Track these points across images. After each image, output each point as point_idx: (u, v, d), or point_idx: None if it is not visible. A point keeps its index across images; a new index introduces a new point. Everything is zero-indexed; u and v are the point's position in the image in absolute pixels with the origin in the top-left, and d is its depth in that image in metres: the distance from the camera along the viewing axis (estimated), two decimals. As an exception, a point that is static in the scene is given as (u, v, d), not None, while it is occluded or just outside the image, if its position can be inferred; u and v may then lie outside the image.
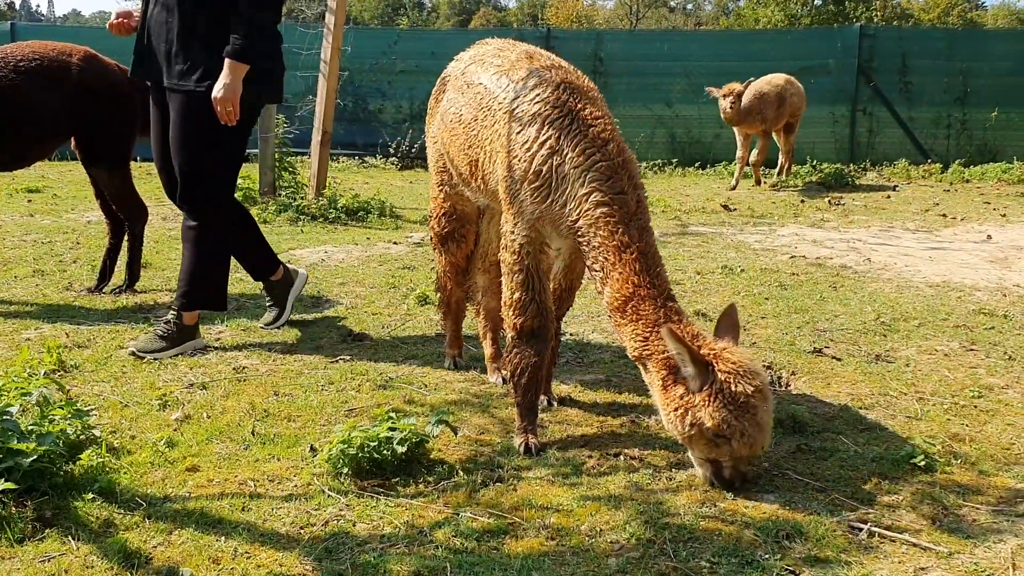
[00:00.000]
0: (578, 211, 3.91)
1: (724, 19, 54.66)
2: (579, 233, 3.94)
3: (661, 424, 4.44)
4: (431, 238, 5.22)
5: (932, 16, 43.96)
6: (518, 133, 4.07)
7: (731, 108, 13.07)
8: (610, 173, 3.89)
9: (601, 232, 3.87)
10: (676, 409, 3.65)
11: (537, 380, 4.21)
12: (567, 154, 3.94)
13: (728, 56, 17.48)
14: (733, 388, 3.54)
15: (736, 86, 13.12)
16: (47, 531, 3.27)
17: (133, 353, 5.26)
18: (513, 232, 4.16)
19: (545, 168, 3.97)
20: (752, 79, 13.60)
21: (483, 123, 4.34)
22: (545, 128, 3.99)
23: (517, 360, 4.18)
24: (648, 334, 3.78)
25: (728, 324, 3.91)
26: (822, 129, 17.18)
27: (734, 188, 14.05)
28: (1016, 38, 21.90)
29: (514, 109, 4.12)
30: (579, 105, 4.02)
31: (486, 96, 4.35)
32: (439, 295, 5.34)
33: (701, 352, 3.62)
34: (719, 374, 3.57)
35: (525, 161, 4.01)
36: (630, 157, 4.01)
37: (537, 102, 4.06)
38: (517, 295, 4.16)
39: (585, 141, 3.93)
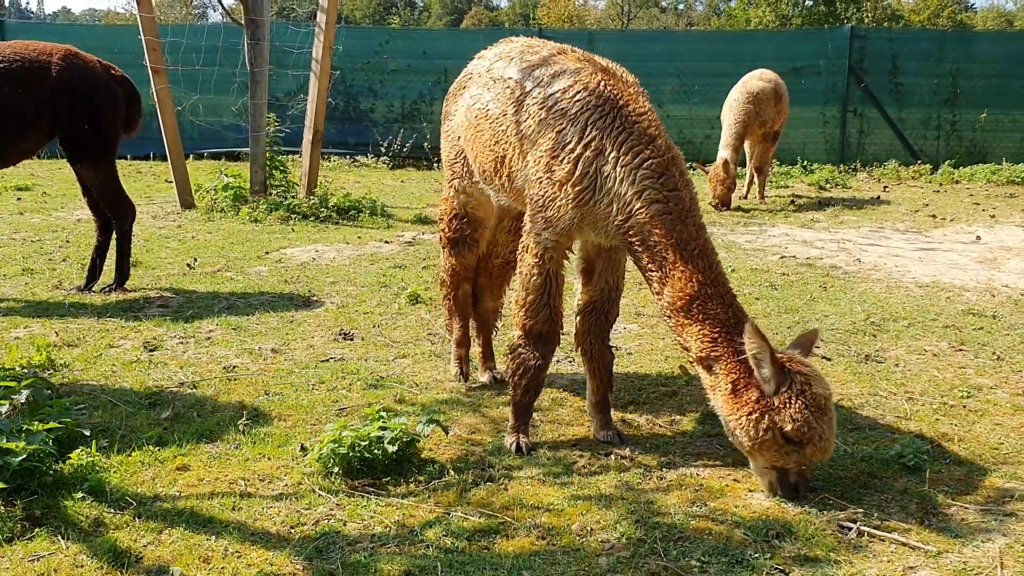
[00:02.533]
0: (628, 210, 3.75)
1: (715, 19, 54.71)
2: (630, 232, 3.78)
3: (652, 423, 4.46)
4: (440, 238, 5.06)
5: (922, 17, 44.12)
6: (558, 133, 3.88)
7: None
8: (661, 170, 3.74)
9: (657, 230, 3.71)
10: (750, 413, 3.53)
11: (538, 383, 4.17)
12: (611, 153, 3.77)
13: (719, 57, 17.48)
14: (813, 390, 3.47)
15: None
16: (36, 530, 3.26)
17: None
18: (540, 235, 4.01)
19: (591, 169, 3.80)
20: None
21: (513, 118, 4.14)
22: (588, 128, 3.81)
23: (520, 360, 4.13)
24: (716, 335, 3.66)
25: (803, 343, 3.81)
26: (813, 130, 17.23)
27: (764, 197, 12.82)
28: (1005, 40, 22.01)
29: (551, 107, 3.94)
30: (622, 101, 3.84)
31: (517, 91, 4.15)
32: (442, 286, 5.11)
33: (777, 355, 3.53)
34: (798, 376, 3.49)
35: (568, 163, 3.84)
36: (678, 153, 3.85)
37: (577, 100, 3.87)
38: (532, 297, 4.07)
39: (632, 139, 3.77)
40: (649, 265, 3.79)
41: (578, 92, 3.88)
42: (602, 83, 3.89)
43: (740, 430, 3.57)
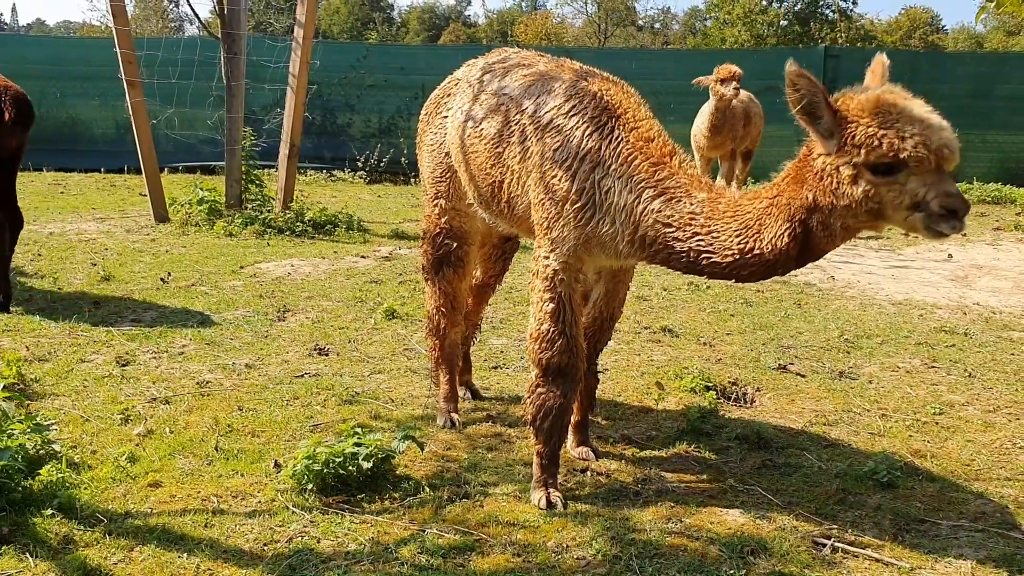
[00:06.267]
0: (633, 220, 3.49)
1: (691, 38, 55.20)
2: (647, 243, 3.51)
3: (627, 440, 4.47)
4: (422, 265, 4.72)
5: (895, 38, 44.85)
6: (555, 150, 3.65)
7: (735, 93, 11.35)
8: (653, 168, 3.48)
9: (673, 223, 3.41)
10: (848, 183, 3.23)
11: (563, 426, 3.83)
12: (610, 165, 3.55)
13: (695, 74, 17.58)
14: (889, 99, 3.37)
15: (735, 68, 11.42)
16: (4, 548, 3.21)
17: None
18: (547, 257, 3.73)
19: (588, 184, 3.57)
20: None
21: (509, 139, 3.86)
22: (584, 141, 3.60)
23: (540, 402, 3.75)
24: (777, 202, 3.33)
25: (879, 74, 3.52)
26: (788, 148, 17.30)
27: None
28: (975, 61, 22.28)
29: (547, 124, 3.72)
30: (619, 111, 3.65)
31: (513, 109, 3.87)
32: (429, 334, 4.72)
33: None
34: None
35: (566, 180, 3.60)
36: (677, 147, 3.60)
37: (573, 115, 3.66)
38: (546, 327, 3.71)
39: (627, 147, 3.55)
40: (693, 250, 3.43)
41: (575, 106, 3.68)
42: (599, 95, 3.69)
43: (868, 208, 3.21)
